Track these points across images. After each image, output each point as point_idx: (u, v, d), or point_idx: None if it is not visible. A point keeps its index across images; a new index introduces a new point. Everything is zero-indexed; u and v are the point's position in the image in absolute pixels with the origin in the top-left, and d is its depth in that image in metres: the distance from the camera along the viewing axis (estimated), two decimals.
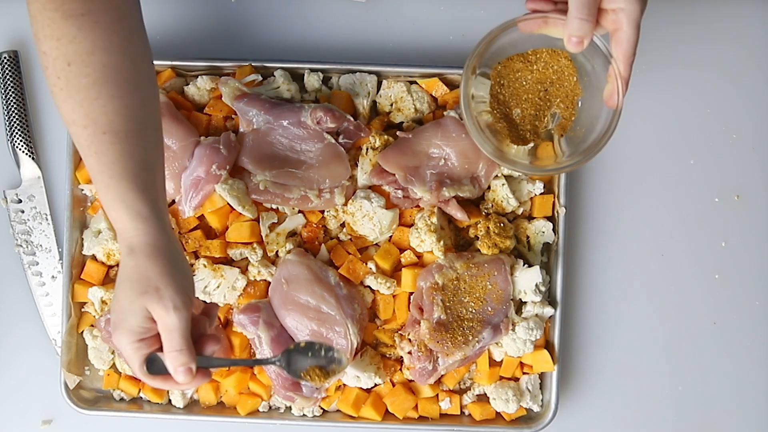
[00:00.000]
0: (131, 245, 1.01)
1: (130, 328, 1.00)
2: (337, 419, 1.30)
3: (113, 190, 1.00)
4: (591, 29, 1.05)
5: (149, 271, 0.99)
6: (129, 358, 1.02)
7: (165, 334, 1.00)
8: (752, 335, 1.34)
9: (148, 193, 1.01)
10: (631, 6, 1.04)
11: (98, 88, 0.98)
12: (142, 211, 1.00)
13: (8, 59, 1.34)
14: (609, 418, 1.35)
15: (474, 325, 1.25)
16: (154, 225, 1.01)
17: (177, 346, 1.00)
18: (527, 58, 1.17)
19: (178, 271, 1.02)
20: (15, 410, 1.35)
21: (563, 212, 1.28)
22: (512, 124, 1.19)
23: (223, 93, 1.28)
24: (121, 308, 1.00)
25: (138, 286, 0.99)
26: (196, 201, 1.26)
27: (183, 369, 1.00)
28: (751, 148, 1.35)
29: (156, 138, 1.05)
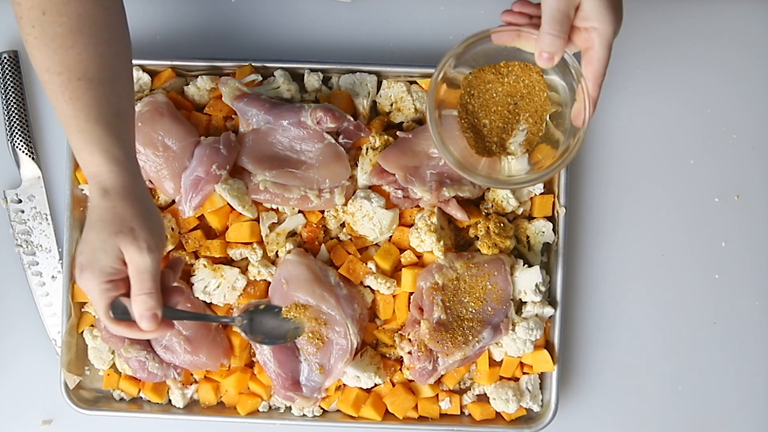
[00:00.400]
0: (105, 187, 1.01)
1: (101, 268, 1.00)
2: (337, 419, 1.30)
3: (88, 134, 1.00)
4: (562, 46, 1.04)
5: (124, 212, 1.00)
6: (95, 300, 1.01)
7: (136, 276, 1.00)
8: (752, 335, 1.34)
9: (122, 138, 1.02)
10: (604, 26, 1.03)
11: (73, 36, 1.00)
12: (118, 154, 1.01)
13: (8, 59, 1.34)
14: (609, 418, 1.35)
15: (474, 325, 1.25)
16: (129, 168, 1.02)
17: (146, 289, 0.99)
18: (499, 70, 1.17)
19: (152, 214, 1.03)
20: (15, 410, 1.35)
21: (563, 212, 1.28)
22: (479, 135, 1.19)
23: (223, 93, 1.28)
24: (92, 248, 1.00)
25: (112, 227, 0.99)
26: (196, 201, 1.26)
27: (149, 314, 1.00)
28: (751, 148, 1.35)
29: (128, 87, 1.07)
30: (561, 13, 1.03)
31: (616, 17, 1.04)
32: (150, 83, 1.31)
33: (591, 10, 1.03)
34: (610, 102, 1.35)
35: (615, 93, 1.35)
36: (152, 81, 1.32)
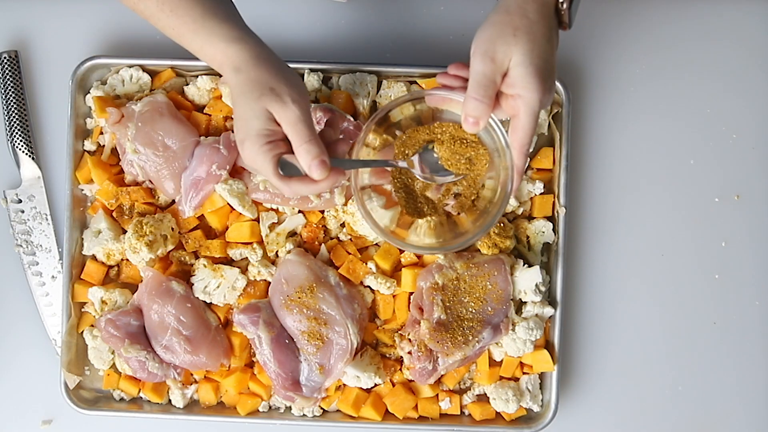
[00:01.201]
0: (236, 66, 1.04)
1: (257, 132, 1.02)
2: (337, 419, 1.30)
3: (202, 31, 1.04)
4: (486, 111, 1.03)
5: (260, 77, 1.03)
6: (262, 165, 1.03)
7: (290, 128, 1.02)
8: (752, 335, 1.34)
9: (234, 20, 1.06)
10: (530, 94, 1.02)
11: None
12: (235, 34, 1.05)
13: (8, 59, 1.34)
14: (609, 418, 1.35)
15: (474, 325, 1.25)
16: (249, 41, 1.05)
17: (305, 137, 1.02)
18: (433, 130, 1.17)
19: (287, 71, 1.05)
20: (15, 410, 1.35)
21: (563, 212, 1.28)
22: (411, 196, 1.18)
23: (223, 93, 1.28)
24: (243, 118, 1.03)
25: (253, 93, 1.02)
26: (196, 201, 1.26)
27: (317, 162, 1.02)
28: (751, 148, 1.35)
29: None
30: (486, 78, 1.02)
31: (543, 86, 1.02)
32: (150, 83, 1.31)
33: (517, 77, 1.02)
34: (610, 102, 1.35)
35: (615, 94, 1.35)
36: (152, 81, 1.32)
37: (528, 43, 1.01)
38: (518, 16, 1.02)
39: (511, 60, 1.02)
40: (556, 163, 1.29)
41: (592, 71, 1.35)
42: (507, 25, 1.02)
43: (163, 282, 1.26)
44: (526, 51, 1.01)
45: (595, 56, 1.35)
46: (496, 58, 1.02)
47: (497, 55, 1.02)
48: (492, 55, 1.02)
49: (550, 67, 1.04)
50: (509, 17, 1.02)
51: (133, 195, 1.28)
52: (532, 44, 1.01)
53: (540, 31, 1.02)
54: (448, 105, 1.13)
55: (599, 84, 1.34)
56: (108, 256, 1.30)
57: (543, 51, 1.02)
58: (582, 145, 1.34)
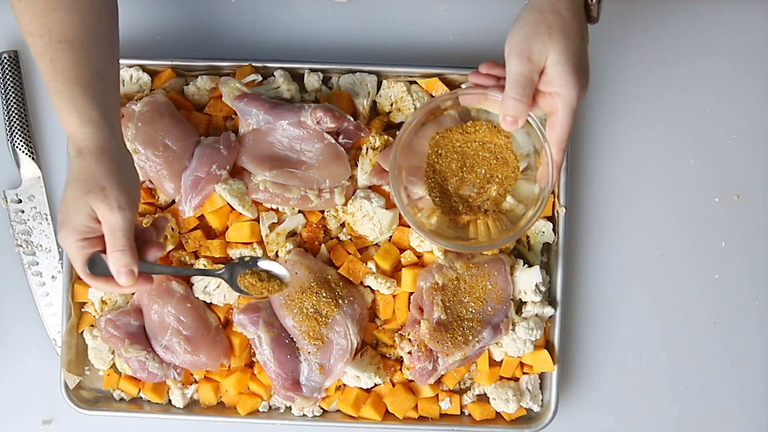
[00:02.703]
0: (80, 148, 1.03)
1: (75, 226, 1.02)
2: (337, 419, 1.30)
3: (65, 95, 1.03)
4: (525, 110, 1.05)
5: (96, 172, 1.02)
6: (73, 258, 1.03)
7: (108, 233, 1.02)
8: (752, 335, 1.34)
9: (99, 100, 1.04)
10: (567, 91, 1.04)
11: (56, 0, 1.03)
12: (93, 115, 1.03)
13: (8, 59, 1.34)
14: (609, 418, 1.35)
15: (474, 325, 1.25)
16: (103, 129, 1.03)
17: (119, 246, 1.01)
18: (466, 129, 1.18)
19: (125, 173, 1.04)
20: (15, 410, 1.35)
21: (563, 212, 1.28)
22: (445, 195, 1.19)
23: (223, 93, 1.28)
24: (67, 207, 1.02)
25: (84, 186, 1.01)
26: (196, 201, 1.26)
27: (125, 270, 1.02)
28: (751, 148, 1.35)
29: (111, 50, 1.09)
30: (524, 78, 1.04)
31: (579, 83, 1.04)
32: (150, 83, 1.31)
33: (554, 75, 1.03)
34: (610, 102, 1.35)
35: (615, 93, 1.35)
36: (152, 81, 1.32)
37: (563, 41, 1.03)
38: (551, 14, 1.03)
39: (548, 58, 1.03)
40: None
41: (592, 72, 1.33)
42: (541, 24, 1.03)
43: (163, 282, 1.26)
44: (562, 49, 1.03)
45: (595, 56, 1.34)
46: (532, 58, 1.03)
47: (533, 55, 1.03)
48: (528, 54, 1.03)
49: (585, 63, 1.06)
50: (542, 16, 1.04)
51: None
52: (567, 42, 1.03)
53: (573, 29, 1.04)
54: (484, 104, 1.14)
55: (600, 84, 1.34)
56: None
57: (577, 48, 1.04)
58: (582, 145, 1.34)
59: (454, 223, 1.20)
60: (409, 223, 1.16)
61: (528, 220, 1.14)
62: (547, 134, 1.09)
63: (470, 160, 1.19)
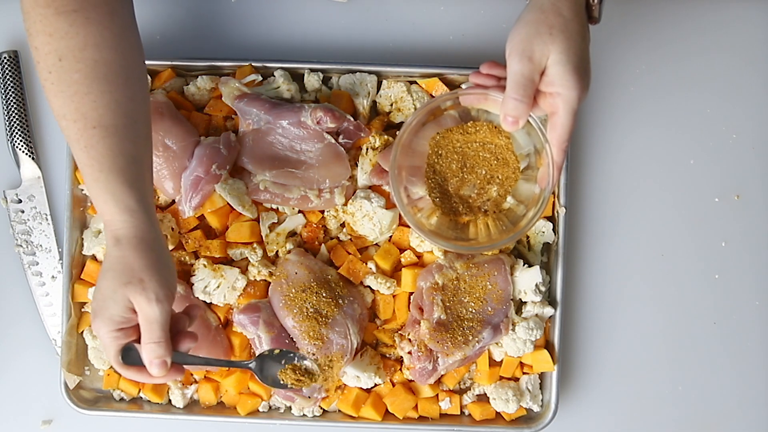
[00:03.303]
0: (118, 237, 1.02)
1: (111, 316, 1.01)
2: (337, 419, 1.30)
3: (102, 183, 1.01)
4: (526, 110, 1.04)
5: (134, 263, 1.01)
6: (106, 347, 1.03)
7: (145, 325, 1.01)
8: (752, 335, 1.34)
9: (136, 187, 1.02)
10: (568, 92, 1.03)
11: (89, 83, 1.00)
12: (130, 204, 1.01)
13: (8, 59, 1.34)
14: (609, 418, 1.35)
15: (474, 325, 1.25)
16: (141, 218, 1.02)
17: (156, 338, 1.01)
18: (467, 130, 1.17)
19: (163, 264, 1.03)
20: (15, 410, 1.35)
21: (563, 212, 1.28)
22: (446, 195, 1.19)
23: (223, 93, 1.28)
24: (103, 296, 1.02)
25: (122, 277, 1.00)
26: (196, 201, 1.26)
27: (158, 362, 1.02)
28: (751, 148, 1.35)
29: (145, 132, 1.06)
30: (525, 78, 1.03)
31: (581, 83, 1.03)
32: (150, 83, 1.31)
33: (555, 75, 1.03)
34: (610, 102, 1.35)
35: (615, 93, 1.35)
36: (152, 81, 1.31)
37: (565, 41, 1.02)
38: (553, 14, 1.03)
39: (549, 58, 1.03)
40: None
41: (592, 72, 1.34)
42: (542, 24, 1.03)
43: None
44: (563, 49, 1.02)
45: (596, 57, 1.34)
46: (533, 58, 1.02)
47: (535, 55, 1.02)
48: (530, 54, 1.02)
49: (587, 64, 1.05)
50: (544, 15, 1.03)
51: None
52: (569, 42, 1.02)
53: (575, 29, 1.03)
54: (484, 104, 1.13)
55: (600, 84, 1.34)
56: None
57: (579, 48, 1.03)
58: (582, 145, 1.34)
59: (454, 223, 1.20)
60: (409, 224, 1.16)
61: (528, 220, 1.14)
62: (548, 135, 1.08)
63: (471, 161, 1.19)
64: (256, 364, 1.16)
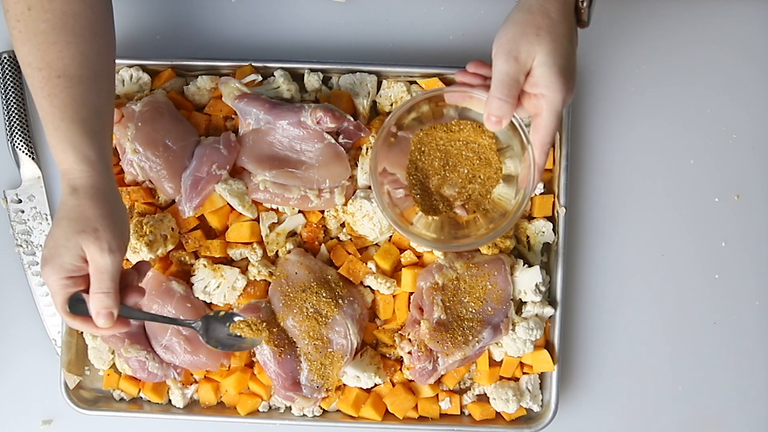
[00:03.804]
0: (75, 186, 1.02)
1: (62, 264, 1.01)
2: (337, 419, 1.30)
3: (62, 132, 1.02)
4: (509, 110, 1.04)
5: (90, 212, 1.01)
6: (54, 294, 1.03)
7: (95, 275, 1.01)
8: (752, 335, 1.34)
9: (97, 138, 1.03)
10: (553, 94, 1.03)
11: (56, 33, 1.02)
12: (90, 154, 1.02)
13: (8, 59, 1.34)
14: (609, 418, 1.35)
15: (474, 325, 1.25)
16: (99, 169, 1.03)
17: (105, 288, 1.01)
18: (450, 128, 1.17)
19: (118, 216, 1.04)
20: (15, 410, 1.35)
21: (563, 212, 1.28)
22: (426, 193, 1.18)
23: (223, 93, 1.28)
24: (55, 244, 1.02)
25: (76, 225, 1.01)
26: (196, 201, 1.26)
27: (105, 312, 1.02)
28: (751, 148, 1.35)
29: (108, 87, 1.08)
30: (510, 78, 1.03)
31: (566, 86, 1.03)
32: (150, 83, 1.31)
33: (541, 76, 1.02)
34: (610, 102, 1.35)
35: (615, 93, 1.35)
36: (152, 81, 1.32)
37: (551, 43, 1.02)
38: (540, 15, 1.03)
39: (535, 59, 1.02)
40: (556, 163, 1.29)
41: (592, 71, 1.35)
42: (529, 25, 1.02)
43: (163, 282, 1.26)
44: (550, 51, 1.02)
45: (596, 56, 1.35)
46: (519, 58, 1.02)
47: (521, 55, 1.02)
48: (515, 54, 1.02)
49: (572, 67, 1.05)
50: (531, 16, 1.03)
51: (133, 195, 1.28)
52: (555, 44, 1.02)
53: (562, 31, 1.03)
54: (469, 103, 1.13)
55: (599, 84, 1.35)
56: None
57: (565, 50, 1.03)
58: (582, 145, 1.34)
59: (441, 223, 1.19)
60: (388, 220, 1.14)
61: (507, 222, 1.13)
62: (530, 136, 1.08)
63: (453, 159, 1.18)
64: (201, 325, 1.18)
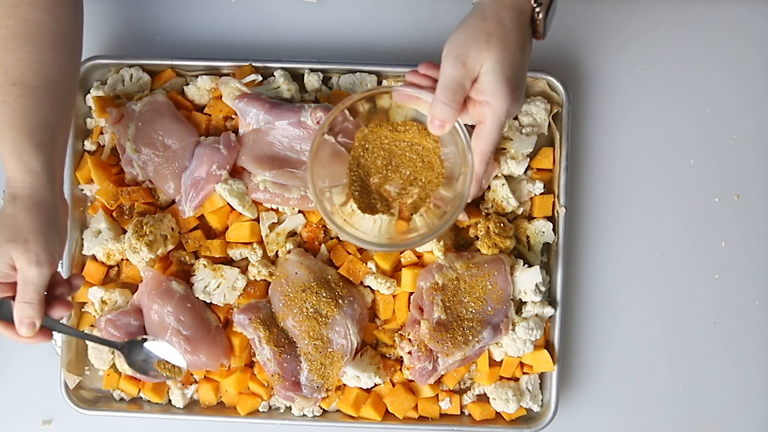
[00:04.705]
0: (15, 194, 1.03)
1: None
2: (337, 419, 1.30)
3: (10, 141, 1.03)
4: (453, 115, 1.02)
5: (24, 223, 1.02)
6: None
7: (21, 285, 1.02)
8: (752, 335, 1.34)
9: (43, 150, 1.04)
10: (497, 102, 1.01)
11: (16, 41, 1.02)
12: (33, 165, 1.03)
13: None
14: (609, 418, 1.35)
15: (474, 325, 1.25)
16: (42, 181, 1.04)
17: (28, 299, 1.02)
18: (396, 128, 1.15)
19: (53, 230, 1.04)
20: (15, 410, 1.35)
21: (563, 212, 1.28)
22: (366, 191, 1.17)
23: (223, 93, 1.28)
24: None
25: (9, 234, 1.02)
26: (196, 201, 1.26)
27: (27, 322, 1.03)
28: (751, 148, 1.35)
29: (66, 98, 1.08)
30: (455, 82, 1.01)
31: (512, 96, 1.01)
32: (150, 83, 1.31)
33: (487, 84, 1.01)
34: (610, 102, 1.35)
35: (615, 93, 1.35)
36: (152, 81, 1.32)
37: (501, 51, 1.00)
38: (493, 22, 1.01)
39: (483, 66, 1.00)
40: (556, 163, 1.29)
41: (592, 71, 1.35)
42: (481, 31, 1.01)
43: (163, 282, 1.26)
44: (498, 59, 1.00)
45: (595, 56, 1.35)
46: (467, 63, 1.01)
47: (469, 60, 1.00)
48: (464, 59, 1.00)
49: (521, 77, 1.03)
50: (484, 23, 1.01)
51: (133, 195, 1.28)
52: (505, 52, 1.00)
53: (514, 40, 1.01)
54: (416, 104, 1.10)
55: (599, 84, 1.35)
56: (108, 256, 1.30)
57: (515, 60, 1.01)
58: (582, 145, 1.34)
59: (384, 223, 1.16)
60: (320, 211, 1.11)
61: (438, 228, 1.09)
62: (472, 143, 1.05)
63: (396, 159, 1.16)
64: (126, 348, 1.19)
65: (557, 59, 1.34)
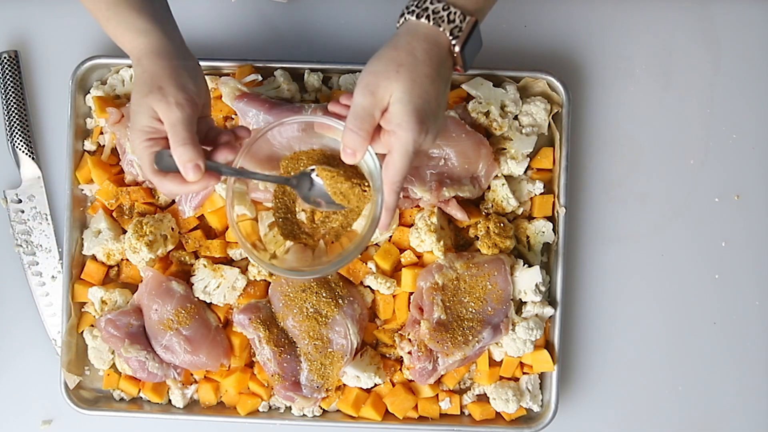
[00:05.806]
0: (138, 56, 1.06)
1: (141, 127, 1.04)
2: (337, 419, 1.30)
3: (114, 19, 1.06)
4: (361, 143, 1.02)
5: (153, 73, 1.04)
6: (141, 158, 1.05)
7: (169, 129, 1.03)
8: (752, 335, 1.34)
9: (146, 11, 1.06)
10: (404, 133, 1.00)
11: None
12: (143, 26, 1.06)
13: (8, 59, 1.34)
14: (609, 418, 1.35)
15: (474, 325, 1.25)
16: (155, 35, 1.06)
17: (181, 140, 1.02)
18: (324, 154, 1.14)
19: (183, 71, 1.05)
20: (15, 410, 1.35)
21: (563, 212, 1.28)
22: (288, 217, 1.17)
23: (223, 93, 1.28)
24: (133, 111, 1.05)
25: (144, 88, 1.04)
26: (196, 201, 1.26)
27: (191, 165, 1.02)
28: (751, 148, 1.35)
29: None
30: (364, 111, 1.01)
31: (419, 126, 1.00)
32: None
33: (395, 113, 1.00)
34: (610, 102, 1.35)
35: (615, 93, 1.35)
36: None
37: (409, 82, 1.00)
38: (405, 53, 1.01)
39: (392, 96, 1.00)
40: (556, 163, 1.29)
41: (592, 71, 1.35)
42: (392, 61, 1.01)
43: (163, 282, 1.26)
44: (407, 89, 1.00)
45: (596, 56, 1.35)
46: (377, 93, 1.00)
47: (378, 90, 1.00)
48: (373, 89, 1.00)
49: (431, 109, 1.02)
50: (396, 53, 1.01)
51: (133, 195, 1.28)
52: (413, 83, 1.00)
53: (424, 71, 1.00)
54: (334, 133, 1.10)
55: (599, 84, 1.35)
56: (108, 256, 1.30)
57: (424, 92, 1.00)
58: (582, 145, 1.34)
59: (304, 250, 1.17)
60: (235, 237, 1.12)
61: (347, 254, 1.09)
62: (383, 173, 1.04)
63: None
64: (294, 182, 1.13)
65: (557, 59, 1.34)
